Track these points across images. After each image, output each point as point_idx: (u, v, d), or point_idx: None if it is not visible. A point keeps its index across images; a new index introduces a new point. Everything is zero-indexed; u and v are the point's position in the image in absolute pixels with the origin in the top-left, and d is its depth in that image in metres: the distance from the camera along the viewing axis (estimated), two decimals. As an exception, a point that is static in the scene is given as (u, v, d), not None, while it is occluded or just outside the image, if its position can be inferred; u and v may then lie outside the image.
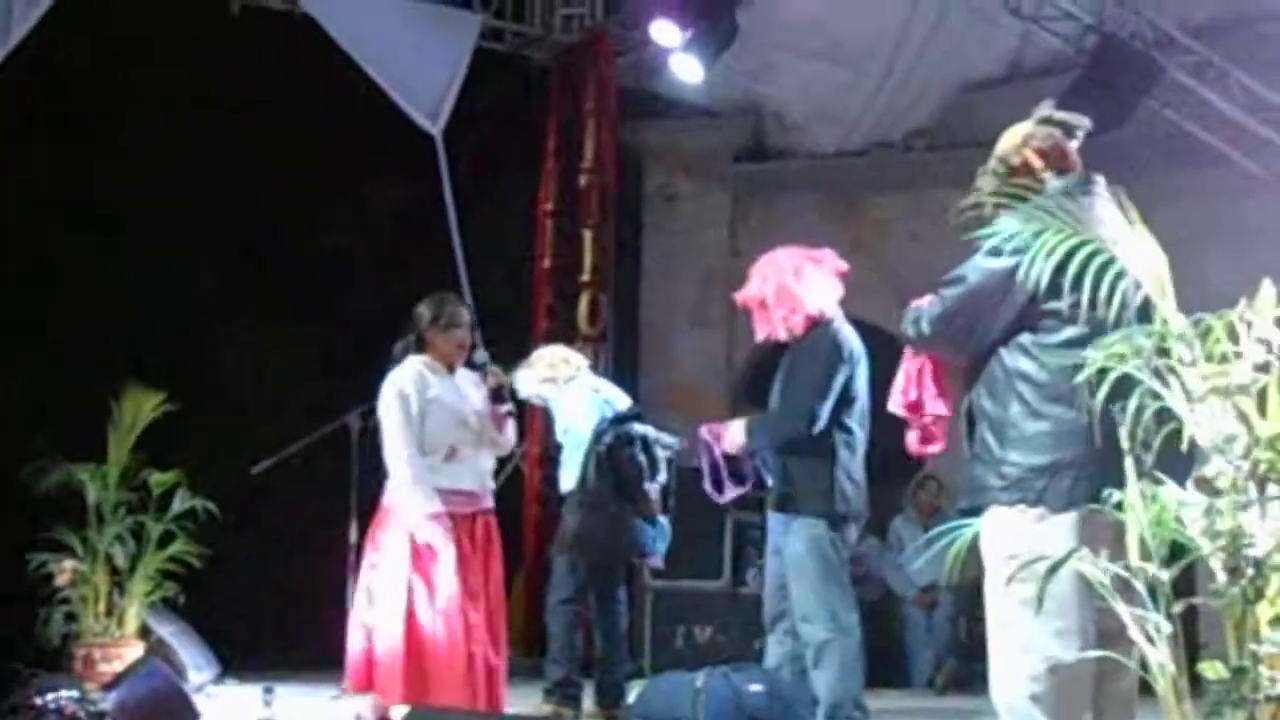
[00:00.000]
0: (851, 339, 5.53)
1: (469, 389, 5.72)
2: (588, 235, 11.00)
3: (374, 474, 7.80)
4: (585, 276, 10.98)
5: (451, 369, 5.70)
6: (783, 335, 5.57)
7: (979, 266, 3.52)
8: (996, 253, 3.45)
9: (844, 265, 5.65)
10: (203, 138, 9.59)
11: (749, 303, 5.68)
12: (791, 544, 5.38)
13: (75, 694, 5.71)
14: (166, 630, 7.72)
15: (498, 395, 5.71)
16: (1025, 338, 3.50)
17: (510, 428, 5.76)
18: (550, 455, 9.05)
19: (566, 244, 11.02)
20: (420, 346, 5.74)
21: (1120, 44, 9.14)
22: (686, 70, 9.77)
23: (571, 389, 7.18)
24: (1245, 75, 9.69)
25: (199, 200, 9.68)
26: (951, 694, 9.23)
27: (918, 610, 9.93)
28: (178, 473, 7.47)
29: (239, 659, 8.13)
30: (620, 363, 11.11)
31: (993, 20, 9.85)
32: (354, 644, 5.50)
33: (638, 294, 11.75)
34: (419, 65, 9.92)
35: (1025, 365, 3.47)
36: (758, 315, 5.65)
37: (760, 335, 5.68)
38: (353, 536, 7.70)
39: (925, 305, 3.74)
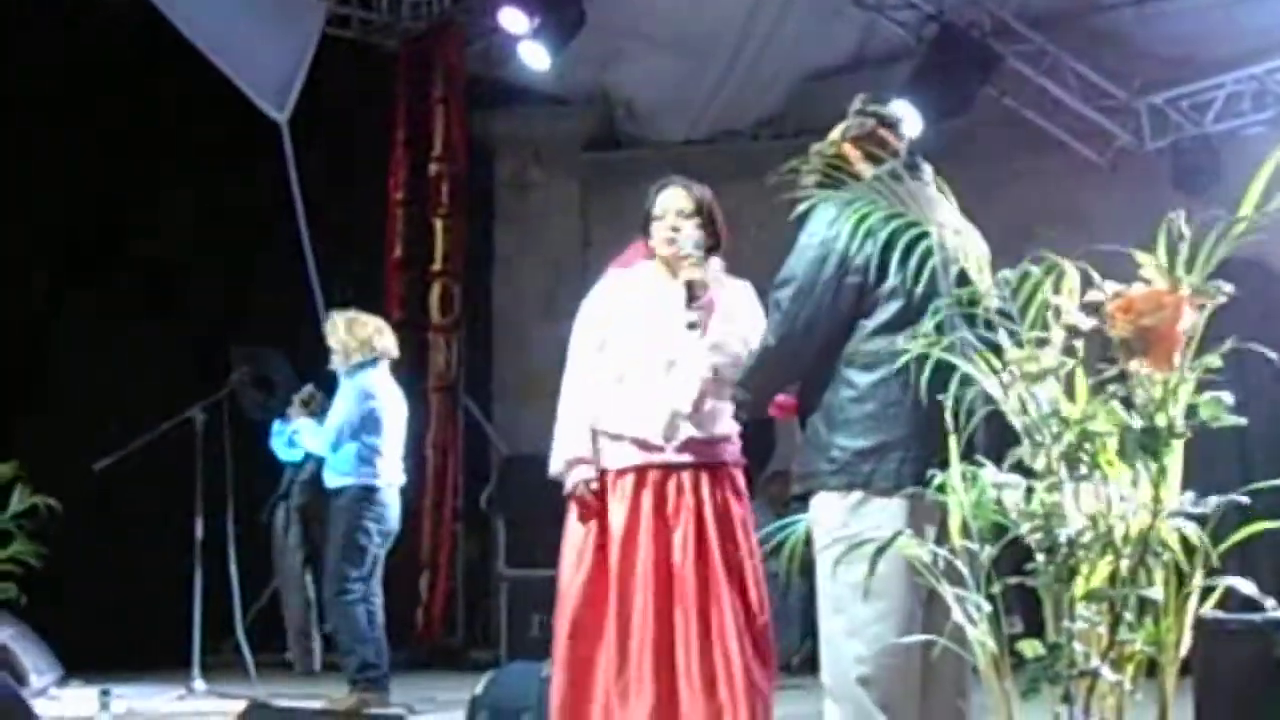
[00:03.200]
0: None
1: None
2: (439, 224, 10.95)
3: (219, 469, 7.76)
4: (437, 266, 10.93)
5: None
6: None
7: (803, 261, 3.51)
8: (811, 242, 3.48)
9: None
10: (40, 129, 9.35)
11: None
12: None
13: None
14: (5, 633, 7.51)
15: (690, 295, 4.23)
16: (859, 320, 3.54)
17: (716, 324, 4.25)
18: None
19: (417, 233, 10.95)
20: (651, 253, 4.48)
21: (959, 33, 9.32)
22: (534, 58, 9.75)
23: (357, 378, 7.00)
24: (1080, 64, 9.94)
25: (37, 193, 9.44)
26: (805, 674, 9.33)
27: (771, 591, 10.02)
28: (15, 465, 7.26)
29: (82, 661, 7.95)
30: (473, 352, 11.08)
31: (837, 10, 9.97)
32: None
33: (490, 283, 11.71)
34: (264, 52, 9.79)
35: (851, 349, 3.49)
36: None
37: None
38: (198, 533, 7.60)
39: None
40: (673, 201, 4.37)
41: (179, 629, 7.57)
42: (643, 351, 4.30)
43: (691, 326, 4.19)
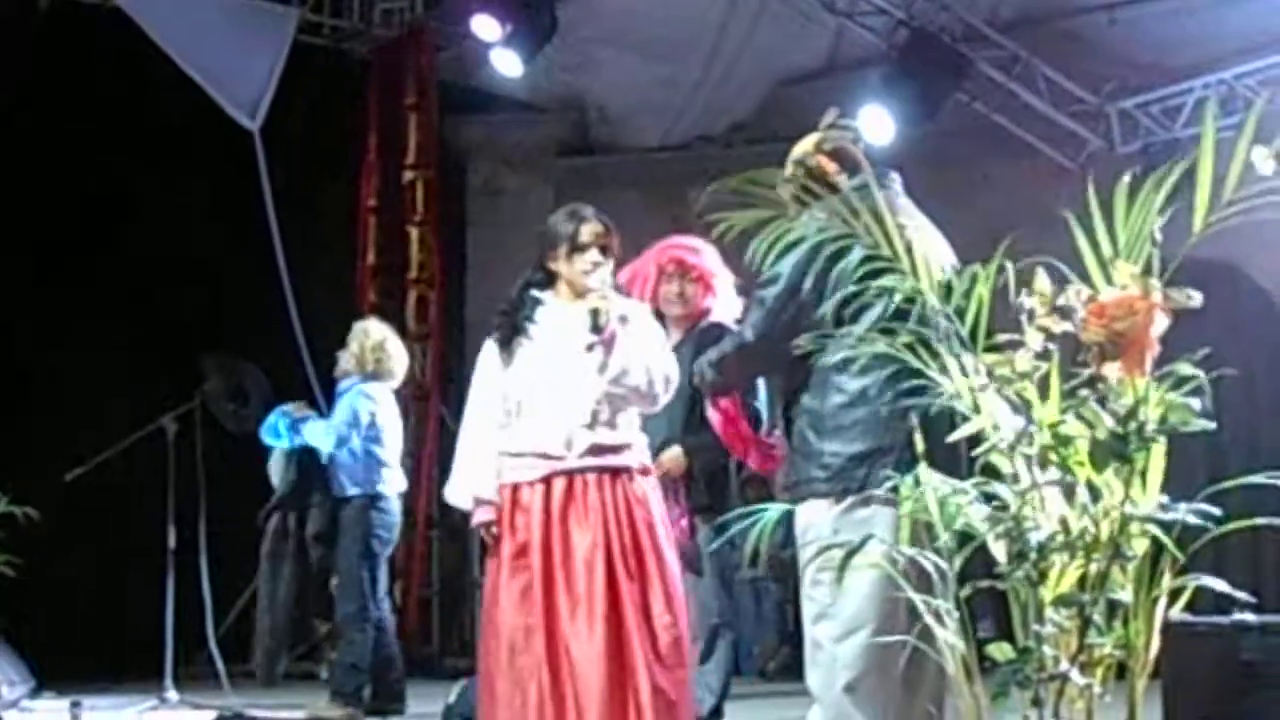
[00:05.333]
0: None
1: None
2: (414, 232, 10.94)
3: (191, 479, 7.72)
4: (413, 274, 10.92)
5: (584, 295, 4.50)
6: (679, 313, 5.55)
7: (789, 262, 3.48)
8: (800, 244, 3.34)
9: None
10: (9, 135, 9.30)
11: (689, 263, 5.55)
12: (699, 538, 5.36)
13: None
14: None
15: (595, 322, 4.43)
16: (841, 329, 3.53)
17: (617, 357, 4.40)
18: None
19: (390, 241, 10.94)
20: (549, 279, 4.56)
21: (930, 39, 9.35)
22: (507, 65, 9.76)
23: (362, 388, 7.03)
24: (1051, 69, 9.98)
25: (6, 198, 9.40)
26: (781, 680, 9.36)
27: (747, 598, 10.04)
28: (-16, 478, 7.22)
29: (55, 672, 7.91)
30: (446, 359, 11.06)
31: (808, 16, 10.00)
32: None
33: (463, 291, 11.69)
34: (236, 60, 9.77)
35: (839, 355, 3.45)
36: (684, 284, 5.52)
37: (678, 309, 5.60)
38: (171, 542, 7.57)
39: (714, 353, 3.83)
40: (596, 236, 4.49)
41: (151, 639, 7.53)
42: (541, 373, 4.44)
43: (590, 349, 4.37)
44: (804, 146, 3.83)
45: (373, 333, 7.15)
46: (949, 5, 9.56)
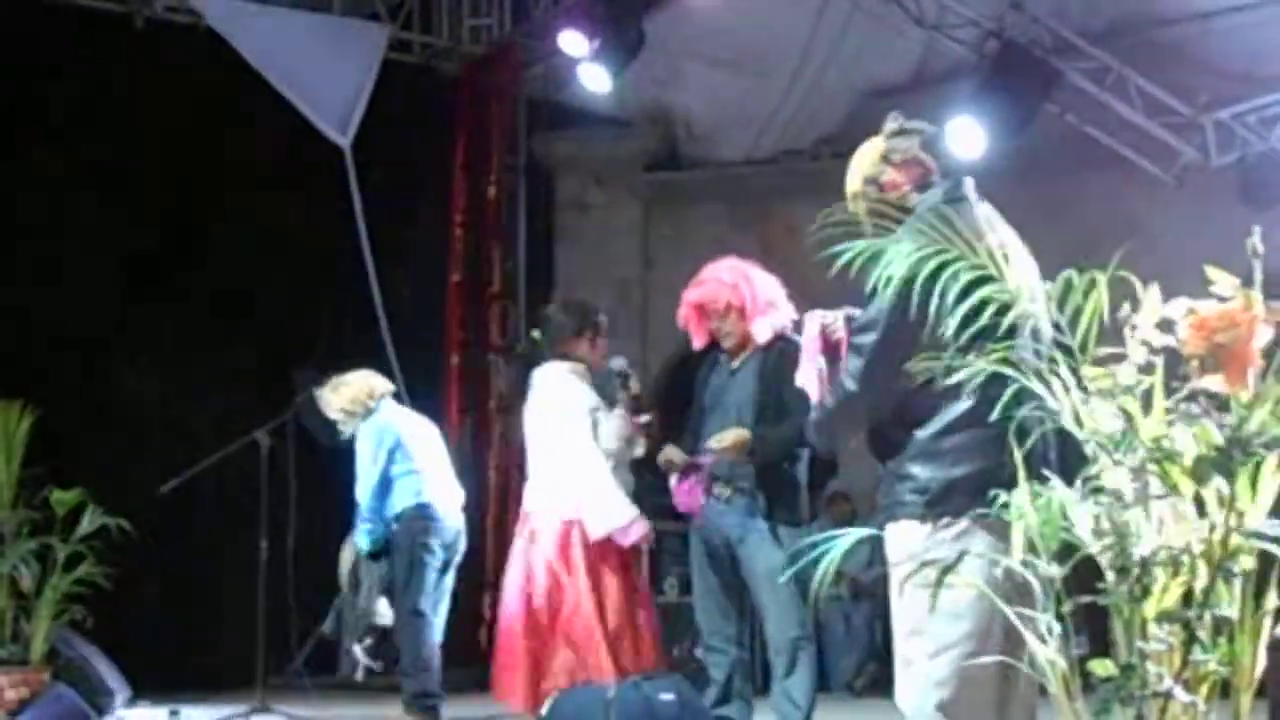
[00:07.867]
0: None
1: None
2: (497, 247, 11.00)
3: (283, 490, 7.80)
4: (496, 288, 10.98)
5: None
6: (756, 338, 5.55)
7: (883, 307, 3.36)
8: (890, 286, 3.16)
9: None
10: (104, 153, 9.48)
11: (712, 306, 5.60)
12: (773, 552, 5.38)
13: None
14: (79, 653, 7.59)
15: (637, 405, 5.87)
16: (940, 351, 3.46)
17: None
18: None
19: (478, 256, 11.00)
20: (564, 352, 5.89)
21: (1020, 50, 9.25)
22: (594, 80, 9.78)
23: (366, 423, 7.10)
24: (1144, 80, 9.85)
25: (100, 214, 9.57)
26: (870, 696, 9.29)
27: (836, 613, 9.98)
28: (81, 491, 7.33)
29: (150, 680, 8.01)
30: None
31: (896, 28, 9.94)
32: None
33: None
34: (327, 78, 9.88)
35: (946, 384, 3.27)
36: (720, 321, 5.58)
37: (711, 342, 5.63)
38: (263, 554, 7.64)
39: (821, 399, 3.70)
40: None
41: (244, 651, 7.61)
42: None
43: (647, 425, 5.94)
44: (870, 159, 3.68)
45: (344, 387, 7.20)
46: (1039, 17, 9.46)
